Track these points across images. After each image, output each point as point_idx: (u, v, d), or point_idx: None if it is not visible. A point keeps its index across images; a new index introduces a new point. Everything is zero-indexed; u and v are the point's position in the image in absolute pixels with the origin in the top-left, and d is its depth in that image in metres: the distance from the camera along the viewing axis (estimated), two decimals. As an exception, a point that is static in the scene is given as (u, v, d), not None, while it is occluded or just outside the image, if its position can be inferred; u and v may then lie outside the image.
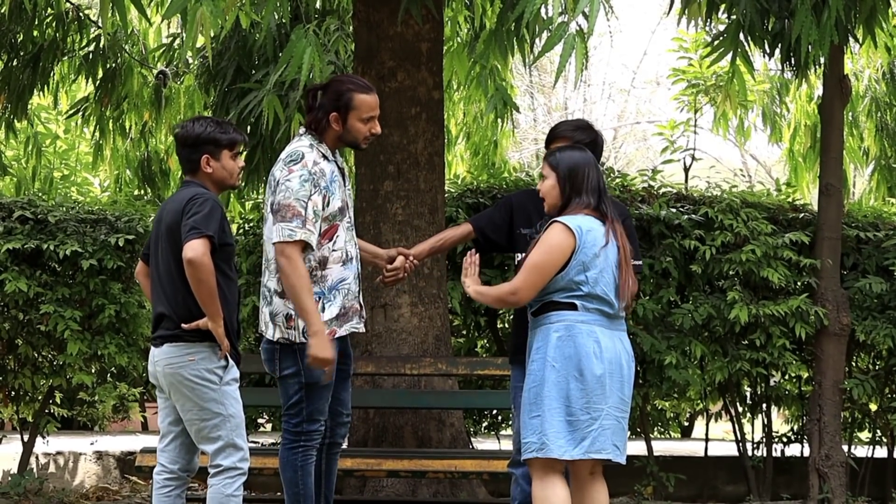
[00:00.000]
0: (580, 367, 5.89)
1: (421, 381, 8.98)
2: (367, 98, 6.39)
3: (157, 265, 6.14)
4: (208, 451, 6.06)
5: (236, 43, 10.33)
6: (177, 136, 6.22)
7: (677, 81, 12.75)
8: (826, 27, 8.15)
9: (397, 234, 8.83)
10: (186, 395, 6.02)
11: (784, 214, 10.31)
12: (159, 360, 6.08)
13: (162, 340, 6.06)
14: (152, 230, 6.26)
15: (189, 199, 5.99)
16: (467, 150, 14.10)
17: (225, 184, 6.25)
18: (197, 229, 5.88)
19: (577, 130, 6.69)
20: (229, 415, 6.05)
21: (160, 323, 6.10)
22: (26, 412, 10.18)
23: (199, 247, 5.85)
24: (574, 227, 5.94)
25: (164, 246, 6.08)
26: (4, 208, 9.63)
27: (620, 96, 29.36)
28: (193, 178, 6.18)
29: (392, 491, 8.90)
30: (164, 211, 6.15)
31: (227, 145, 6.17)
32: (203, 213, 5.91)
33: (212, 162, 6.14)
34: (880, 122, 12.82)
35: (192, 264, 5.85)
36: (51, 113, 15.80)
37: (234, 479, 6.04)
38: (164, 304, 6.07)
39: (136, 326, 9.80)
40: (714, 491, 11.05)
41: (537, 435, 5.92)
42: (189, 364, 6.00)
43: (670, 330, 9.88)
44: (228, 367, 6.09)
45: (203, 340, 6.01)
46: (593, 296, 5.96)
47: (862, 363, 10.77)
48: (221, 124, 6.20)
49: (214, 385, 6.02)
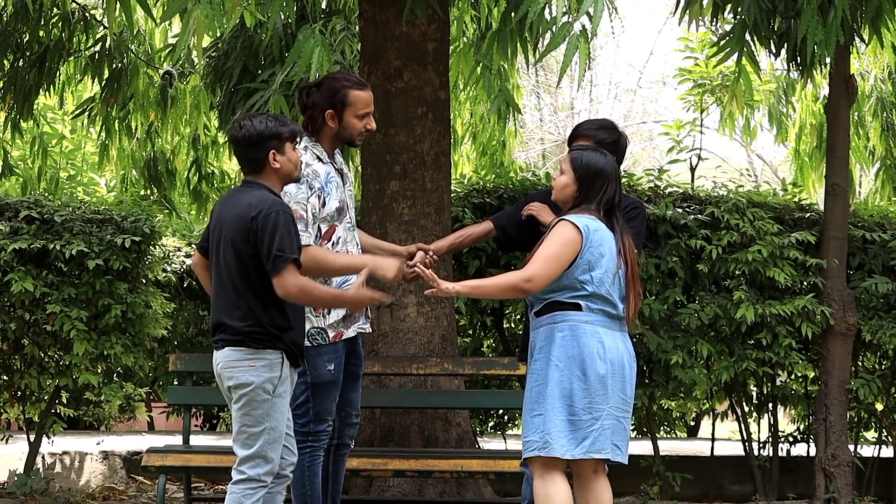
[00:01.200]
0: (583, 368, 5.90)
1: (427, 381, 8.98)
2: (362, 94, 6.41)
3: (217, 269, 6.02)
4: (238, 455, 6.00)
5: (242, 43, 10.32)
6: (234, 137, 6.04)
7: (683, 81, 12.74)
8: (832, 27, 8.15)
9: (403, 233, 8.83)
10: (238, 399, 5.95)
11: (790, 214, 10.30)
12: (220, 362, 6.00)
13: (224, 343, 5.97)
14: (211, 226, 6.09)
15: (254, 208, 5.85)
16: (474, 150, 14.10)
17: (291, 177, 6.09)
18: (281, 256, 5.78)
19: (601, 129, 6.69)
20: (271, 427, 5.94)
21: (222, 327, 5.99)
22: (32, 412, 10.19)
23: (288, 281, 5.79)
24: (581, 226, 5.95)
25: (226, 253, 5.95)
26: (10, 208, 9.63)
27: (627, 96, 29.36)
28: (257, 178, 6.03)
29: (398, 491, 8.91)
30: (226, 213, 5.99)
31: (290, 137, 6.02)
32: (280, 233, 5.79)
33: (278, 156, 5.98)
34: (886, 122, 12.82)
35: (293, 298, 5.85)
36: (57, 113, 15.81)
37: (256, 490, 5.96)
38: (226, 312, 5.96)
39: (143, 326, 9.80)
40: (720, 490, 11.05)
41: (540, 434, 5.93)
42: (249, 370, 5.91)
43: (676, 329, 9.87)
44: (283, 378, 5.98)
45: (266, 348, 5.93)
46: (597, 296, 5.96)
47: (868, 363, 10.76)
48: (278, 118, 6.06)
49: (267, 395, 5.93)
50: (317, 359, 6.28)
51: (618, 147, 6.64)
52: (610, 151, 6.43)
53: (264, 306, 5.90)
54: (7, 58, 11.25)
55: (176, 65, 12.06)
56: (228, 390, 6.01)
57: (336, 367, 6.30)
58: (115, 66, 11.75)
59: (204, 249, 6.21)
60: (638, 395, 10.00)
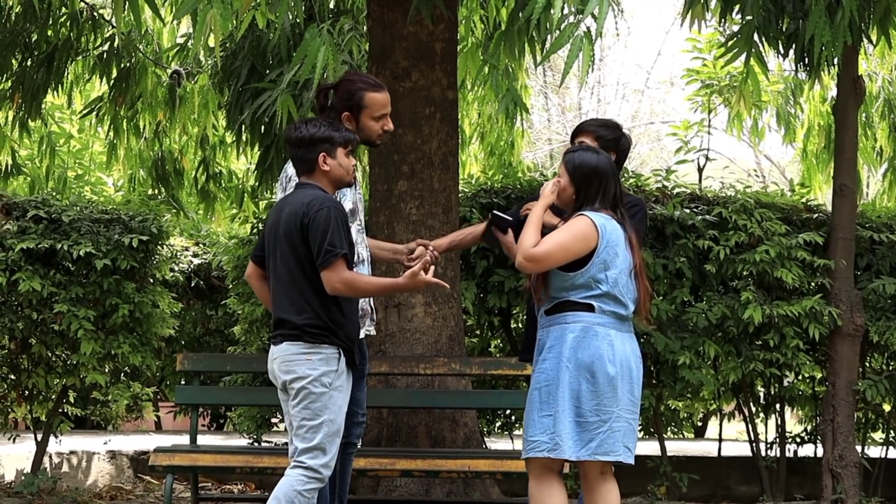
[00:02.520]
0: (593, 370, 5.89)
1: (434, 381, 8.98)
2: (378, 96, 6.42)
3: (276, 269, 6.12)
4: (298, 447, 6.06)
5: (250, 42, 10.33)
6: (290, 138, 6.18)
7: (691, 82, 12.74)
8: (840, 28, 8.15)
9: (411, 233, 8.82)
10: (296, 393, 6.03)
11: (798, 215, 10.29)
12: (277, 357, 6.09)
13: (282, 338, 6.07)
14: (266, 231, 6.22)
15: (307, 205, 5.98)
16: (482, 150, 14.10)
17: (342, 182, 6.20)
18: (332, 252, 5.91)
19: (602, 127, 6.68)
20: (329, 419, 6.02)
21: (282, 323, 6.09)
22: (40, 411, 10.20)
23: (336, 276, 5.92)
24: (599, 224, 5.94)
25: (283, 251, 6.06)
26: (18, 208, 9.65)
27: (634, 96, 29.41)
28: (310, 180, 6.16)
29: (405, 491, 8.91)
30: (282, 213, 6.10)
31: (342, 143, 6.15)
32: (331, 228, 5.92)
33: (328, 160, 6.11)
34: (894, 123, 12.81)
35: (340, 292, 5.95)
36: (65, 112, 15.84)
37: (311, 480, 6.01)
38: (285, 309, 6.07)
39: (150, 326, 9.81)
40: (727, 491, 11.04)
41: (549, 434, 5.92)
42: (306, 363, 6.00)
43: (684, 330, 9.87)
44: (339, 372, 6.06)
45: (322, 343, 6.02)
46: (610, 296, 5.95)
47: (876, 364, 10.75)
48: (334, 124, 6.19)
49: (324, 388, 6.01)
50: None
51: (618, 145, 6.63)
52: (611, 149, 6.44)
53: (322, 301, 6.01)
54: (15, 57, 11.27)
55: (184, 64, 12.07)
56: (284, 385, 6.10)
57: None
58: (124, 65, 11.76)
59: (258, 259, 6.33)
60: (645, 396, 10.01)
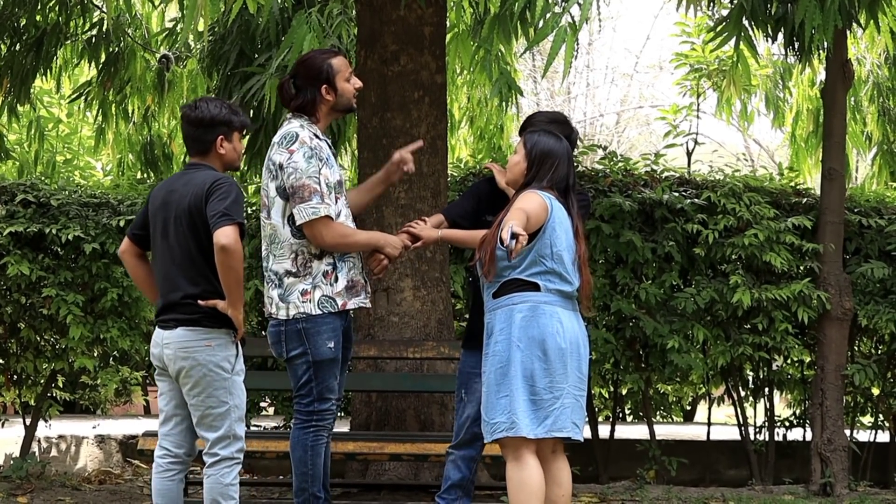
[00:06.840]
0: (544, 348, 5.93)
1: (423, 365, 8.99)
2: (340, 59, 6.57)
3: (169, 250, 6.07)
4: (208, 439, 6.03)
5: (239, 27, 10.30)
6: (188, 116, 6.16)
7: (680, 66, 12.74)
8: (829, 12, 8.14)
9: (400, 217, 8.82)
10: (196, 381, 6.00)
11: (787, 199, 10.31)
12: (171, 342, 6.02)
13: (177, 323, 6.01)
14: (152, 212, 6.15)
15: (213, 182, 5.96)
16: (471, 135, 14.09)
17: (233, 165, 6.25)
18: (229, 216, 5.86)
19: (552, 124, 6.70)
20: (235, 405, 6.04)
21: (175, 306, 6.03)
22: (28, 396, 10.20)
23: (231, 233, 5.84)
24: (546, 199, 5.97)
25: (182, 228, 6.02)
26: (7, 192, 9.64)
27: (623, 81, 29.32)
28: (203, 160, 6.16)
29: (394, 474, 8.92)
30: (176, 193, 6.07)
31: (239, 127, 6.19)
32: (232, 199, 5.91)
33: (225, 143, 6.13)
34: (883, 107, 12.81)
35: (225, 251, 5.84)
36: (53, 97, 15.77)
37: (232, 468, 6.04)
38: (180, 288, 6.01)
39: (139, 310, 9.81)
40: (716, 475, 11.07)
41: (507, 414, 5.96)
42: (205, 350, 5.97)
43: (673, 314, 9.88)
44: (238, 356, 6.08)
45: (221, 327, 5.99)
46: (556, 273, 5.99)
47: (864, 348, 10.78)
48: (231, 106, 6.21)
49: (226, 374, 6.01)
50: (317, 337, 6.29)
51: (568, 141, 6.67)
52: None
53: None
54: (4, 41, 11.22)
55: (173, 49, 12.04)
56: (179, 372, 6.04)
57: (336, 345, 6.32)
58: (112, 49, 11.72)
59: (136, 237, 6.27)
60: (634, 380, 10.05)
